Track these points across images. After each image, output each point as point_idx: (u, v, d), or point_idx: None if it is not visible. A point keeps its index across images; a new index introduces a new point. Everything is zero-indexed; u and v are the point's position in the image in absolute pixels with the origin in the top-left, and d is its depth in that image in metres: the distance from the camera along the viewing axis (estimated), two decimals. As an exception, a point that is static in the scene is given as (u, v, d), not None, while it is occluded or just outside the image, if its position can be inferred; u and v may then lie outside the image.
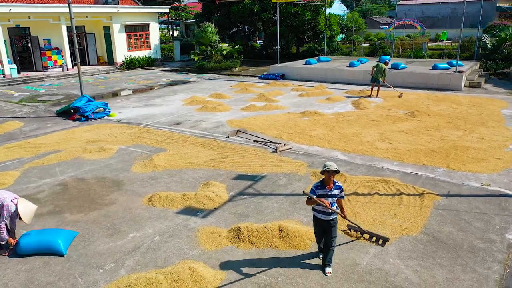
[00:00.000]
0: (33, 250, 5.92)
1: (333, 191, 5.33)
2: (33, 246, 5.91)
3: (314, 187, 5.33)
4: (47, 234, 6.07)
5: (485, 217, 6.84)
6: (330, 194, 5.31)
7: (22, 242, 5.92)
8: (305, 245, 6.07)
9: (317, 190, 5.30)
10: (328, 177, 5.24)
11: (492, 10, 45.13)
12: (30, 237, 6.00)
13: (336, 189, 5.36)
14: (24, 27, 25.78)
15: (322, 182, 5.35)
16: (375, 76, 16.90)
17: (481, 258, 5.69)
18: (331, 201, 5.29)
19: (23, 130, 13.16)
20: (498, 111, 14.26)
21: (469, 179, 8.39)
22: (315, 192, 5.28)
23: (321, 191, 5.29)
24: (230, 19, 31.86)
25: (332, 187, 5.32)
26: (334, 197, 5.35)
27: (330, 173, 5.20)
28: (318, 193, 5.27)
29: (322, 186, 5.31)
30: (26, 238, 5.99)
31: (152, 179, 8.79)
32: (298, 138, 11.41)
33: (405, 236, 6.31)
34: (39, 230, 6.33)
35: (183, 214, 7.18)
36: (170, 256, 5.90)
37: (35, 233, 6.11)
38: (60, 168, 9.57)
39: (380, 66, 16.79)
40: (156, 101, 17.68)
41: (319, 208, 5.34)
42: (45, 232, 6.15)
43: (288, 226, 6.40)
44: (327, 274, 5.39)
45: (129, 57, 29.44)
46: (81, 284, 5.31)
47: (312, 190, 5.32)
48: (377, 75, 16.81)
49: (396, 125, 12.58)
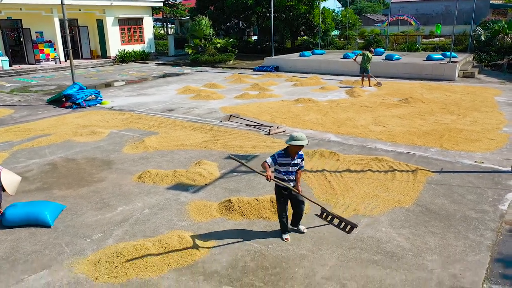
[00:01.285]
0: (19, 222, 5.79)
1: (296, 160, 5.17)
2: (19, 217, 5.78)
3: (276, 155, 5.12)
4: (34, 206, 5.95)
5: (478, 190, 6.80)
6: (292, 163, 5.15)
7: (8, 213, 5.79)
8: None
9: (279, 159, 5.10)
10: (295, 149, 5.10)
11: (486, 7, 45.30)
12: (16, 208, 5.87)
13: (299, 158, 5.21)
14: (16, 19, 25.51)
15: (286, 151, 5.15)
16: (363, 66, 16.76)
17: (474, 227, 5.64)
18: (292, 170, 5.16)
19: (13, 117, 12.98)
20: (491, 98, 14.27)
21: (463, 158, 8.35)
22: (276, 160, 5.08)
23: (284, 160, 5.11)
24: (224, 13, 31.72)
25: (295, 156, 5.17)
26: (296, 166, 5.21)
27: (297, 147, 5.06)
28: (279, 162, 5.09)
29: (286, 155, 5.12)
30: (12, 209, 5.86)
31: (143, 159, 8.67)
32: (292, 123, 11.34)
33: (397, 207, 6.25)
34: (26, 202, 6.20)
35: (173, 189, 7.07)
36: (159, 227, 5.80)
37: (21, 205, 5.99)
38: (50, 150, 9.42)
39: (367, 55, 16.68)
40: (149, 90, 17.54)
41: (280, 176, 5.18)
42: (32, 204, 6.03)
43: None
44: (304, 231, 5.53)
45: (122, 51, 29.25)
46: (67, 252, 5.20)
47: (273, 156, 5.11)
48: (365, 64, 16.70)
49: (390, 111, 12.54)
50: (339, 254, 5.05)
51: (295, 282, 4.54)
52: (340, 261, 4.92)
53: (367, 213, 6.08)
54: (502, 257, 4.95)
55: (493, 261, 4.85)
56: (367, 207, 6.27)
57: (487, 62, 22.23)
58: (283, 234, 5.43)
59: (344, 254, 5.05)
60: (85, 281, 4.62)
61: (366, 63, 16.65)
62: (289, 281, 4.56)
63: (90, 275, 4.70)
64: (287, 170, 5.17)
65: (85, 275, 4.71)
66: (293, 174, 5.24)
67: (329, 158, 8.38)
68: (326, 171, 7.68)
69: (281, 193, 5.28)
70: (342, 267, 4.80)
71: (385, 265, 4.80)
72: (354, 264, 4.84)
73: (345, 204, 6.36)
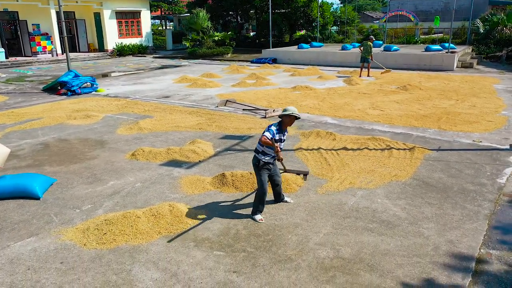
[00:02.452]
0: (7, 194, 5.66)
1: (285, 134, 5.03)
2: (7, 189, 5.65)
3: (273, 132, 4.82)
4: (23, 178, 5.82)
5: (476, 166, 6.69)
6: (284, 139, 5.00)
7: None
8: (291, 188, 5.86)
9: (276, 135, 4.85)
10: (289, 122, 4.88)
11: (485, 4, 45.15)
12: (4, 180, 5.75)
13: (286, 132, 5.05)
14: (12, 11, 25.34)
15: (280, 126, 4.91)
16: (363, 55, 16.66)
17: (472, 198, 5.53)
18: (282, 146, 4.97)
19: (7, 103, 12.84)
20: (490, 85, 14.17)
21: (461, 137, 8.24)
22: (275, 135, 4.82)
23: (278, 135, 4.87)
24: (222, 7, 31.59)
25: (285, 131, 5.01)
26: (283, 141, 5.02)
27: (291, 118, 4.85)
28: (276, 138, 4.83)
29: (280, 130, 4.89)
30: (0, 181, 5.73)
31: (137, 139, 8.55)
32: (288, 107, 11.20)
33: (394, 181, 6.14)
34: (15, 174, 6.08)
35: (166, 166, 6.95)
36: (150, 199, 5.68)
37: (9, 177, 5.87)
38: (43, 131, 9.30)
39: (367, 44, 16.57)
40: (145, 80, 17.41)
41: (270, 152, 4.91)
42: (21, 176, 5.90)
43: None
44: (291, 201, 5.48)
45: (120, 44, 29.09)
46: (56, 222, 5.07)
47: (272, 132, 4.81)
48: (365, 54, 16.59)
49: (387, 97, 12.43)
50: (334, 223, 4.94)
51: (288, 247, 4.43)
52: (334, 229, 4.80)
53: (363, 186, 5.97)
54: (500, 225, 4.84)
55: (491, 229, 4.74)
56: (363, 181, 6.15)
57: (486, 54, 22.12)
58: (256, 214, 5.07)
59: (338, 223, 4.94)
60: (73, 247, 4.49)
61: (365, 52, 16.52)
62: (282, 247, 4.45)
63: (78, 242, 4.58)
64: (280, 146, 4.90)
65: (73, 242, 4.59)
66: (281, 149, 4.96)
67: (325, 138, 8.26)
68: (322, 149, 7.56)
69: (265, 167, 4.99)
70: (336, 234, 4.69)
71: (380, 232, 4.69)
72: (349, 232, 4.73)
73: (340, 179, 6.25)
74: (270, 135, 4.76)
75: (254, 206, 5.10)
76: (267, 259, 4.22)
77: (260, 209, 5.08)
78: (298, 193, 5.77)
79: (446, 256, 4.22)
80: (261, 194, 5.02)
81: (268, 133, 4.77)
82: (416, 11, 54.82)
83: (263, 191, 5.01)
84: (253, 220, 5.01)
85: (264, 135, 4.78)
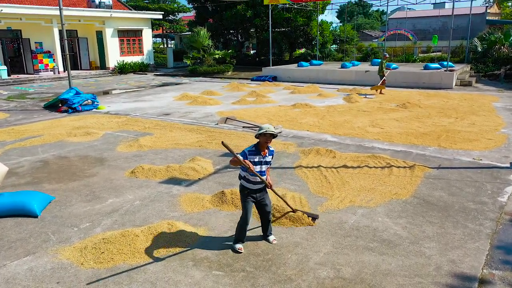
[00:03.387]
0: (5, 211, 5.62)
1: (267, 157, 4.64)
2: (5, 206, 5.62)
3: (247, 151, 4.54)
4: (21, 196, 5.79)
5: (477, 184, 6.66)
6: (264, 161, 4.61)
7: None
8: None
9: (250, 156, 4.52)
10: (265, 141, 4.50)
11: (482, 23, 45.83)
12: (2, 198, 5.72)
13: (270, 155, 4.69)
14: (15, 30, 25.65)
15: (256, 147, 4.57)
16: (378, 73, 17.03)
17: (473, 216, 5.48)
18: (264, 169, 4.62)
19: (8, 120, 12.88)
20: (489, 103, 14.23)
21: (461, 155, 8.23)
22: (246, 157, 4.50)
23: (254, 157, 4.53)
24: (223, 25, 31.97)
25: (267, 153, 4.63)
26: (268, 164, 4.67)
27: (267, 137, 4.47)
28: (249, 159, 4.51)
29: (257, 151, 4.56)
30: None
31: (137, 157, 8.54)
32: (288, 125, 11.24)
33: (394, 199, 6.10)
34: (13, 192, 6.05)
35: (166, 183, 6.92)
36: (149, 217, 5.64)
37: (8, 195, 5.83)
38: (43, 149, 9.29)
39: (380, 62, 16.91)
40: (146, 97, 17.50)
41: (249, 176, 4.58)
42: (19, 194, 5.87)
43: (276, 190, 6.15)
44: (273, 242, 4.86)
45: (121, 62, 29.34)
46: (53, 240, 5.02)
47: (243, 153, 4.53)
48: (379, 71, 16.91)
49: (387, 115, 12.46)
50: (334, 242, 4.88)
51: (288, 267, 4.37)
52: (335, 248, 4.75)
53: (363, 204, 5.93)
54: (503, 244, 4.79)
55: (493, 248, 4.69)
56: (363, 199, 6.12)
57: (484, 72, 22.27)
58: (236, 243, 4.73)
59: (339, 242, 4.88)
60: (70, 266, 4.44)
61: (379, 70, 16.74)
62: (282, 266, 4.39)
63: (75, 261, 4.53)
64: (258, 170, 4.56)
65: (70, 261, 4.53)
66: (264, 173, 4.65)
67: (325, 155, 8.25)
68: (322, 167, 7.54)
69: (249, 195, 4.67)
70: (337, 253, 4.63)
71: (381, 252, 4.64)
72: (349, 251, 4.67)
73: (340, 197, 6.21)
74: (241, 157, 4.44)
75: (235, 234, 4.79)
76: (266, 279, 4.16)
77: (240, 238, 4.73)
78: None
79: (448, 276, 4.16)
80: (241, 223, 4.69)
81: (238, 156, 4.45)
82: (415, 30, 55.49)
83: (244, 220, 4.65)
84: (233, 249, 4.70)
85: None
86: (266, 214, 4.81)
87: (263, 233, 4.98)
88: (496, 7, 51.34)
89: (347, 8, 58.99)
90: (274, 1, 24.40)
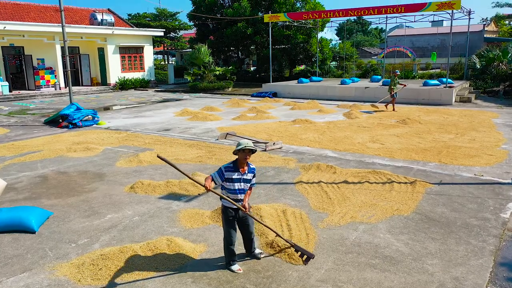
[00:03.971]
0: (3, 227, 5.56)
1: (247, 174, 4.44)
2: (2, 222, 5.56)
3: (223, 167, 4.39)
4: (19, 211, 5.74)
5: (479, 200, 6.60)
6: (243, 179, 4.42)
7: None
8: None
9: (227, 173, 4.34)
10: (244, 157, 4.33)
11: (480, 40, 46.29)
12: (0, 213, 5.66)
13: (250, 173, 4.48)
14: (18, 46, 25.89)
15: (235, 164, 4.41)
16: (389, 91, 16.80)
17: (476, 233, 5.42)
18: (243, 187, 4.44)
19: (8, 135, 12.88)
20: (489, 119, 14.25)
21: (462, 171, 8.19)
22: (223, 174, 4.35)
23: (232, 174, 4.36)
24: (223, 42, 32.29)
25: (246, 170, 4.43)
26: (248, 182, 4.47)
27: (245, 153, 4.31)
28: (226, 176, 4.36)
29: (235, 168, 4.38)
30: None
31: (136, 172, 8.50)
32: (288, 141, 11.23)
33: (396, 215, 6.04)
34: (11, 207, 5.99)
35: (165, 199, 6.87)
36: (148, 233, 5.57)
37: (6, 210, 5.78)
38: (42, 164, 9.26)
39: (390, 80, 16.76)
40: (146, 113, 17.55)
41: (230, 194, 4.43)
42: (17, 209, 5.82)
43: (277, 207, 6.11)
44: (261, 256, 4.77)
45: (122, 78, 29.54)
46: (50, 256, 4.95)
47: (220, 170, 4.38)
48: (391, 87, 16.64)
49: (387, 130, 12.47)
50: (335, 258, 4.81)
51: (289, 284, 4.29)
52: (336, 264, 4.68)
53: (364, 220, 5.87)
54: (507, 261, 4.71)
55: (497, 265, 4.62)
56: (365, 215, 6.06)
57: (484, 89, 22.40)
58: (231, 265, 4.55)
59: (340, 258, 4.81)
60: (67, 283, 4.36)
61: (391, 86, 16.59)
62: (282, 283, 4.31)
63: (72, 277, 4.45)
64: (237, 188, 4.40)
65: (67, 278, 4.46)
66: (244, 192, 4.46)
67: (326, 171, 8.21)
68: (323, 183, 7.49)
69: (229, 214, 4.48)
70: (338, 270, 4.56)
71: (383, 269, 4.56)
72: (351, 268, 4.60)
73: (341, 213, 6.15)
74: (215, 174, 4.35)
75: (225, 257, 4.63)
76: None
77: (232, 258, 4.57)
78: (298, 226, 5.65)
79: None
80: (225, 244, 4.55)
81: (213, 173, 4.39)
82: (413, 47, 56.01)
83: (227, 241, 4.52)
84: (231, 271, 4.52)
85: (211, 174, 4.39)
86: (248, 234, 4.67)
87: (247, 251, 4.81)
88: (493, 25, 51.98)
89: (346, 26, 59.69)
90: (274, 18, 24.71)
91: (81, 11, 31.91)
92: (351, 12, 22.27)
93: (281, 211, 6.10)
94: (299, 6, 30.84)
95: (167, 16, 46.75)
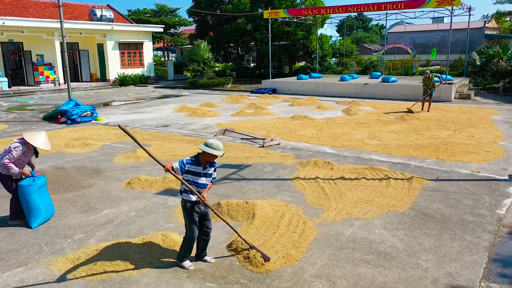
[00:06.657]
0: (26, 200, 5.56)
1: (208, 169, 4.37)
2: (29, 195, 5.56)
3: (185, 160, 4.31)
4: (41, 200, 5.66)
5: (475, 196, 6.61)
6: (204, 173, 4.34)
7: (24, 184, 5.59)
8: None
9: (188, 165, 4.27)
10: (206, 160, 4.31)
11: (480, 37, 46.19)
12: (32, 187, 5.60)
13: (211, 167, 4.41)
14: (17, 42, 25.85)
15: (197, 158, 4.32)
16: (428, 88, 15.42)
17: (471, 229, 5.42)
18: (205, 181, 4.38)
19: (6, 131, 12.88)
20: (488, 116, 14.23)
21: (459, 168, 8.19)
22: (184, 166, 4.27)
23: (193, 167, 4.28)
24: (223, 39, 32.22)
25: (207, 164, 4.37)
26: (209, 177, 4.42)
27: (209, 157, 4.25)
28: (187, 168, 4.28)
29: (197, 162, 4.30)
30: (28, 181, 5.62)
31: (134, 168, 8.51)
32: (286, 137, 11.23)
33: (392, 211, 6.05)
34: (44, 188, 5.85)
35: (162, 195, 6.89)
36: (144, 228, 5.58)
37: (37, 187, 5.67)
38: (40, 159, 9.23)
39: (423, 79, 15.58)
40: (145, 109, 17.54)
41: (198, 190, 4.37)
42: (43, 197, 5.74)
43: (273, 202, 6.12)
44: (212, 261, 4.64)
45: (122, 74, 29.49)
46: (46, 251, 4.97)
47: (181, 162, 4.29)
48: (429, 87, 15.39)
49: (385, 127, 12.46)
50: (330, 254, 4.82)
51: (283, 279, 4.30)
52: (331, 260, 4.69)
53: (360, 216, 5.88)
54: (501, 257, 4.72)
55: (491, 261, 4.63)
56: (361, 211, 6.07)
57: (483, 86, 22.35)
58: (183, 261, 4.49)
59: (334, 254, 4.82)
60: (62, 278, 4.37)
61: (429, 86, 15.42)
62: (277, 278, 4.32)
63: (67, 272, 4.46)
64: (196, 181, 4.34)
65: (62, 272, 4.47)
66: (205, 186, 4.40)
67: (323, 167, 8.21)
68: (320, 179, 7.50)
69: (193, 210, 4.40)
70: (333, 266, 4.57)
71: (377, 264, 4.57)
72: (345, 263, 4.61)
73: (337, 209, 6.16)
74: (177, 165, 4.25)
75: (180, 251, 4.54)
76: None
77: (186, 255, 4.52)
78: (293, 222, 5.66)
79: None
80: (187, 239, 4.44)
81: (176, 163, 4.29)
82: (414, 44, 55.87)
83: (190, 236, 4.41)
84: (181, 267, 4.48)
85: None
86: (207, 231, 4.56)
87: (198, 254, 4.64)
88: (494, 22, 51.82)
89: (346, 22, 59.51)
90: (274, 15, 24.65)
91: (80, 7, 31.84)
92: (351, 9, 22.22)
93: (277, 207, 6.11)
94: (299, 2, 30.73)
95: (167, 12, 46.64)
